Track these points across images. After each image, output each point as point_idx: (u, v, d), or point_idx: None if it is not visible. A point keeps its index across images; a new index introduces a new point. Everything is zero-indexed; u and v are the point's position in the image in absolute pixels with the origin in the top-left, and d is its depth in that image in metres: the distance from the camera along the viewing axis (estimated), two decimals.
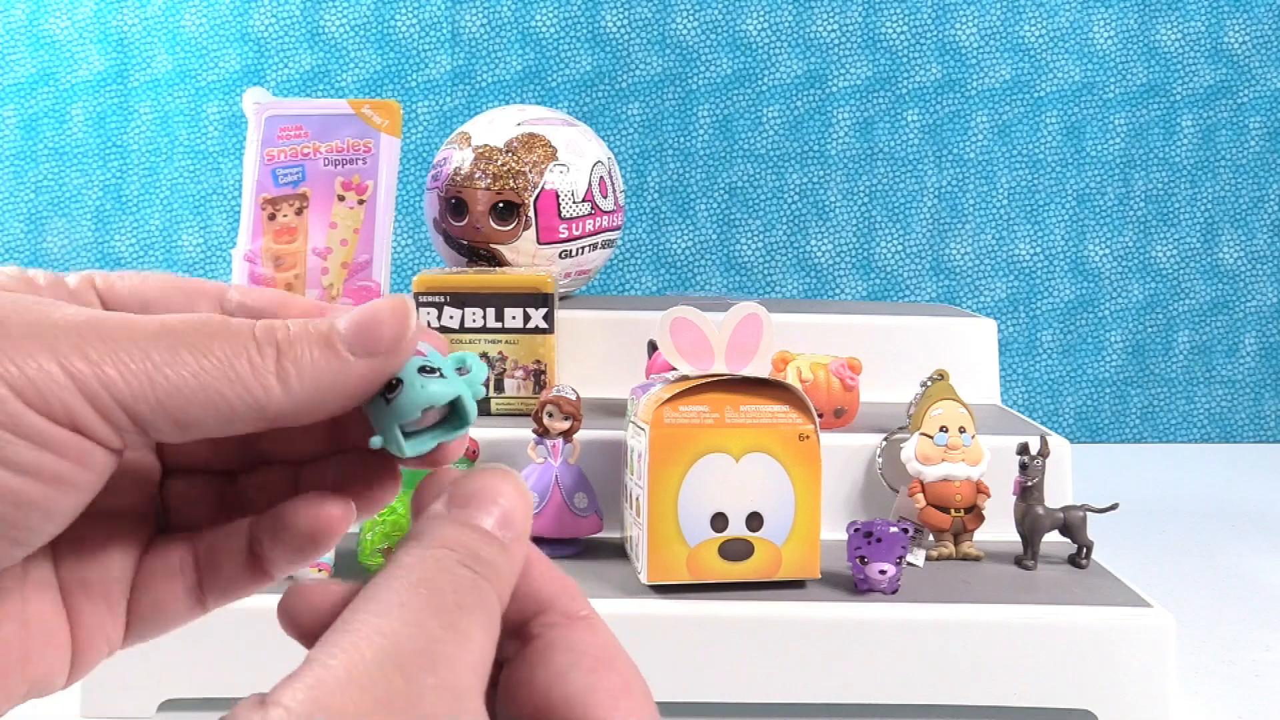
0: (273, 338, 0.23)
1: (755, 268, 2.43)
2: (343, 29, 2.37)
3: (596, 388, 1.35)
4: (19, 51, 2.35)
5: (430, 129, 2.38)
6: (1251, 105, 2.42)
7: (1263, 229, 2.45)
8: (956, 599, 1.05)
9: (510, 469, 0.25)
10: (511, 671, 0.24)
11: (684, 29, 2.39)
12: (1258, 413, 2.47)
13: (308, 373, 0.23)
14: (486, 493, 0.24)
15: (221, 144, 2.39)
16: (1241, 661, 1.20)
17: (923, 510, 1.15)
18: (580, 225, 1.41)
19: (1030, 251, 2.44)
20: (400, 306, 0.24)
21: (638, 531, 1.04)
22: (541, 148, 1.39)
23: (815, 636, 1.02)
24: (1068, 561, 1.14)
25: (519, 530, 0.24)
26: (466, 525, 0.23)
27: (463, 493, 0.24)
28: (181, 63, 2.36)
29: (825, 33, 2.40)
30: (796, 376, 1.22)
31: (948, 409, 1.16)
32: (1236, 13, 2.40)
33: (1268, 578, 1.48)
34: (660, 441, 1.01)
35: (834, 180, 2.42)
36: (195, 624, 0.84)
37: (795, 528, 1.03)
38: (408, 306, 0.25)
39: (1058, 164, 2.43)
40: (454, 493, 0.24)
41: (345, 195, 1.31)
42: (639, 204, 2.40)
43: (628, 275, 2.43)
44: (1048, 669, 1.02)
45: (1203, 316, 2.46)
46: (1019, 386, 2.46)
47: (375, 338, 0.24)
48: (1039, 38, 2.41)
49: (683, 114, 2.40)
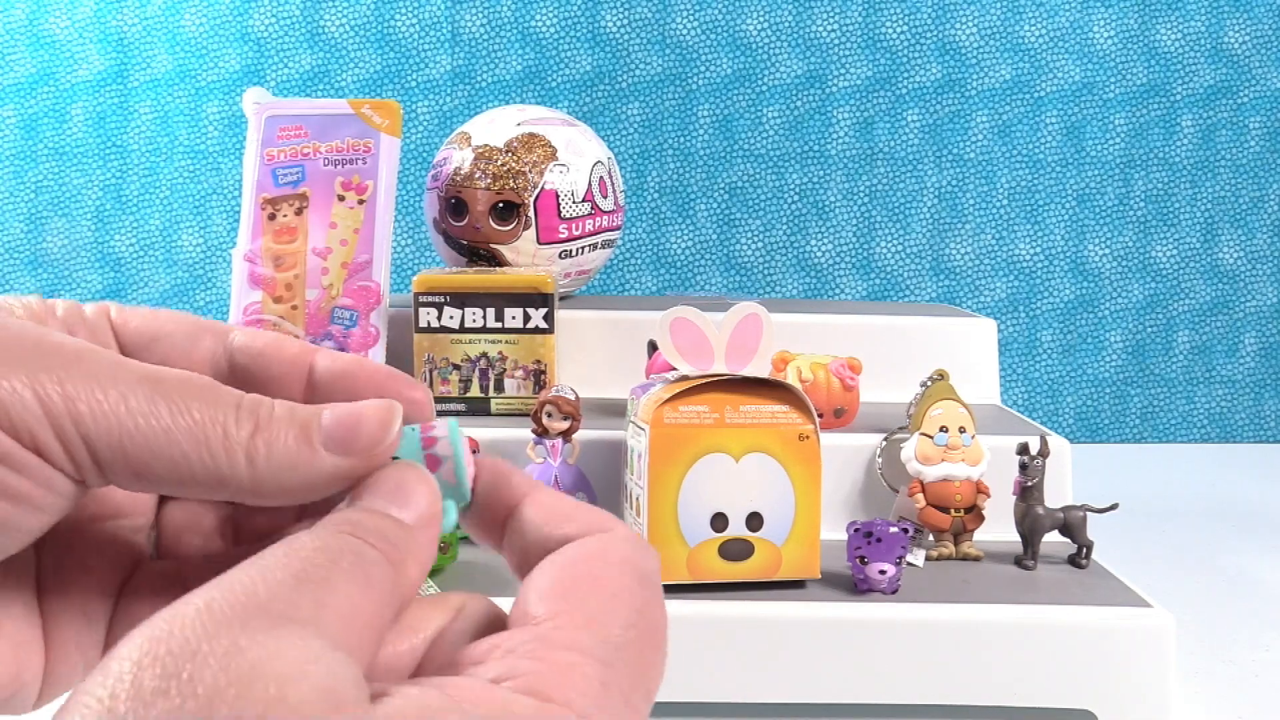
0: (254, 413, 0.23)
1: (755, 268, 2.43)
2: (343, 29, 2.37)
3: (596, 388, 1.35)
4: (19, 51, 2.35)
5: (430, 129, 2.38)
6: (1251, 105, 2.42)
7: (1263, 229, 2.45)
8: (956, 599, 1.05)
9: (414, 463, 0.24)
10: None
11: (684, 29, 2.39)
12: (1258, 413, 2.47)
13: (277, 457, 0.23)
14: (379, 478, 0.23)
15: (221, 144, 2.39)
16: (1241, 661, 1.20)
17: (923, 510, 1.15)
18: (580, 225, 1.41)
19: (1030, 251, 2.44)
20: (386, 415, 0.24)
21: (637, 531, 1.04)
22: (541, 148, 1.39)
23: (815, 636, 1.02)
24: (1068, 561, 1.14)
25: (418, 509, 0.23)
26: (358, 507, 0.23)
27: (364, 485, 0.24)
28: (181, 63, 2.36)
29: (825, 33, 2.40)
30: (796, 376, 1.22)
31: (948, 409, 1.16)
32: (1236, 13, 2.40)
33: (1268, 578, 1.48)
34: (660, 441, 1.01)
35: (834, 180, 2.42)
36: None
37: (795, 528, 1.03)
38: (393, 415, 0.24)
39: (1058, 164, 2.43)
40: (357, 487, 0.24)
41: (345, 195, 1.31)
42: (639, 204, 2.40)
43: (628, 275, 2.43)
44: (1048, 669, 1.02)
45: (1203, 316, 2.46)
46: (1019, 386, 2.46)
47: (353, 439, 0.23)
48: (1039, 38, 2.41)
49: (683, 114, 2.40)
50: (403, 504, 0.23)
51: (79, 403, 0.21)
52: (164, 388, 0.22)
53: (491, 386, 1.26)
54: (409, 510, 0.23)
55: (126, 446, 0.22)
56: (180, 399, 0.22)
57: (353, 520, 0.22)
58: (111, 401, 0.22)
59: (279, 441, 0.23)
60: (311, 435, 0.23)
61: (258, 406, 0.23)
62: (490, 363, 1.25)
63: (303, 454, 0.23)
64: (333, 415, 0.24)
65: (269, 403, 0.23)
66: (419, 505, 0.23)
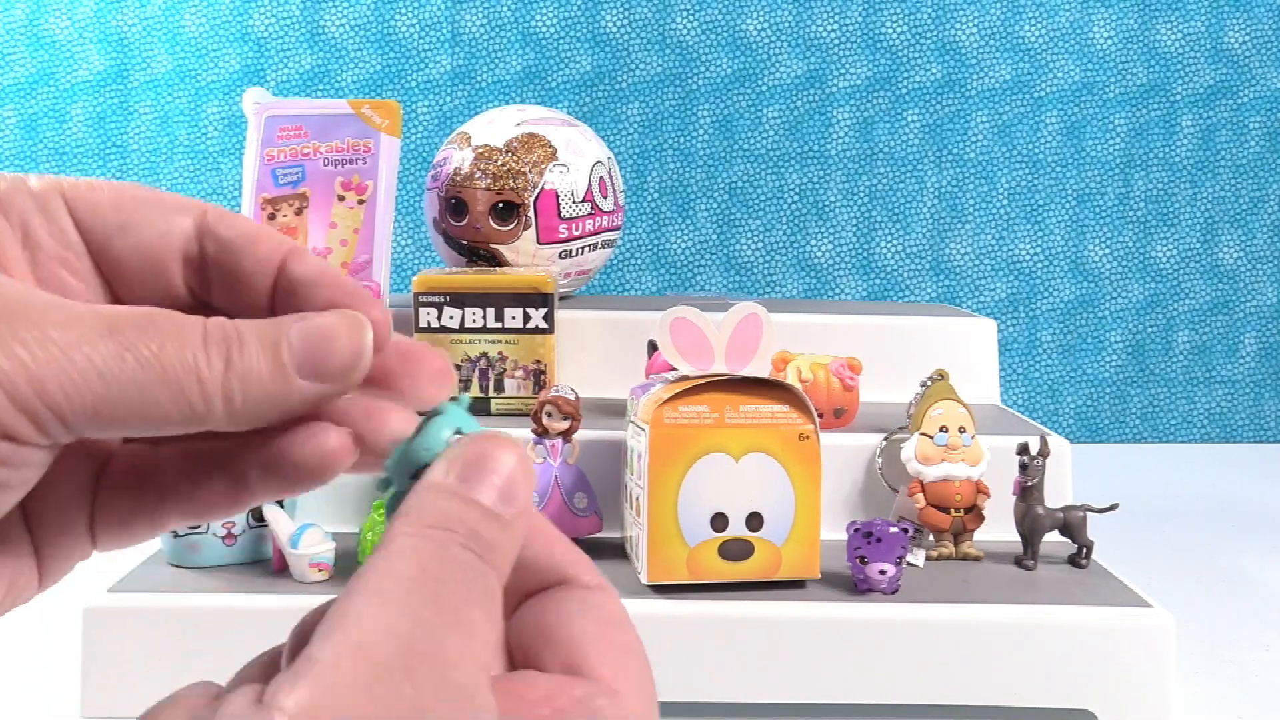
0: (224, 346, 0.22)
1: (755, 268, 2.43)
2: (343, 29, 2.37)
3: (596, 388, 1.34)
4: (19, 51, 2.35)
5: (430, 129, 2.38)
6: (1251, 105, 2.42)
7: (1263, 229, 2.45)
8: (956, 599, 1.05)
9: (510, 436, 0.24)
10: (521, 616, 0.24)
11: (684, 29, 2.39)
12: (1258, 413, 2.47)
13: (253, 392, 0.22)
14: (487, 463, 0.23)
15: (221, 144, 2.39)
16: (1241, 661, 1.20)
17: (923, 510, 1.15)
18: (580, 225, 1.41)
19: (1030, 251, 2.44)
20: (357, 335, 0.23)
21: (638, 531, 1.04)
22: (541, 148, 1.39)
23: (815, 636, 1.02)
24: (1068, 561, 1.14)
25: (521, 503, 0.23)
26: (466, 501, 0.22)
27: (462, 460, 0.23)
28: (181, 63, 2.37)
29: (825, 33, 2.40)
30: (796, 376, 1.22)
31: (948, 409, 1.16)
32: (1236, 13, 2.40)
33: (1268, 578, 1.48)
34: (660, 441, 1.01)
35: (834, 180, 2.42)
36: (195, 624, 0.84)
37: (795, 528, 1.03)
38: (363, 334, 0.23)
39: (1058, 164, 2.43)
40: (453, 459, 0.23)
41: (345, 195, 1.31)
42: (639, 204, 2.40)
43: (628, 275, 2.43)
44: (1048, 669, 1.02)
45: (1203, 316, 2.46)
46: (1019, 386, 2.46)
47: (325, 363, 0.23)
48: (1039, 38, 2.41)
49: (683, 114, 2.40)
50: (509, 499, 0.23)
51: (47, 382, 0.21)
52: (127, 335, 0.21)
53: (491, 386, 1.26)
54: (513, 505, 0.23)
55: (100, 409, 0.21)
56: (145, 343, 0.21)
57: (471, 528, 0.22)
58: (80, 368, 0.21)
59: (253, 375, 0.22)
60: (284, 362, 0.23)
61: (226, 338, 0.22)
62: (490, 363, 1.25)
63: (278, 385, 0.23)
64: (301, 338, 0.23)
65: (235, 330, 0.22)
66: (519, 499, 0.23)
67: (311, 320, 0.23)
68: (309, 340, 0.23)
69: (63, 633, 1.13)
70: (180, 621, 1.01)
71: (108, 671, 1.00)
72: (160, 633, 1.01)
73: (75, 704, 1.01)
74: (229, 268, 0.25)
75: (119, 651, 1.00)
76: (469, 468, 0.23)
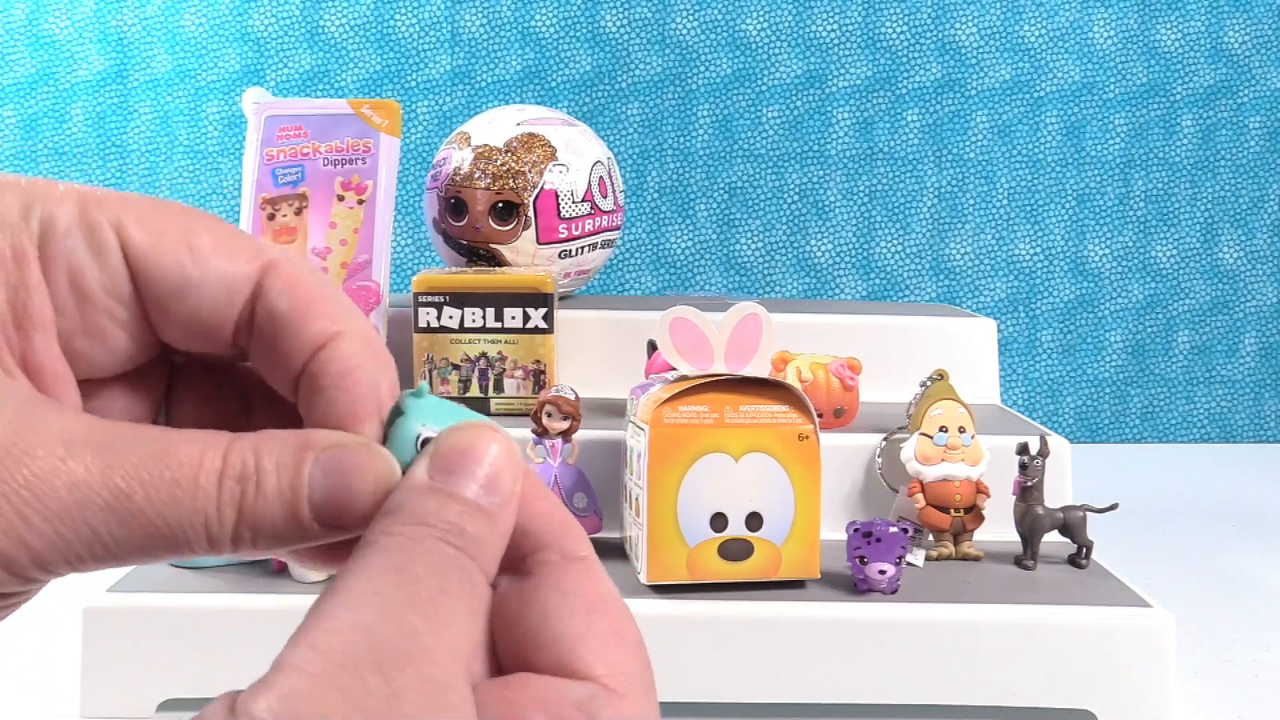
0: (239, 489, 0.21)
1: (755, 268, 2.43)
2: (342, 29, 2.37)
3: (596, 388, 1.34)
4: (19, 51, 2.35)
5: (430, 129, 2.38)
6: (1251, 105, 2.42)
7: (1263, 229, 2.45)
8: (956, 599, 1.05)
9: (490, 423, 0.23)
10: (503, 606, 0.23)
11: (684, 29, 2.39)
12: (1258, 413, 2.47)
13: (264, 537, 0.22)
14: (468, 454, 0.22)
15: (221, 144, 2.39)
16: (1241, 661, 1.20)
17: (922, 510, 1.15)
18: (580, 225, 1.41)
19: (1030, 251, 2.44)
20: (383, 483, 0.22)
21: (637, 531, 1.04)
22: (541, 148, 1.39)
23: (815, 636, 1.02)
24: (1068, 561, 1.14)
25: (507, 492, 0.22)
26: (446, 495, 0.22)
27: (441, 454, 0.22)
28: (181, 63, 2.36)
29: (825, 33, 2.40)
30: (796, 376, 1.22)
31: (947, 409, 1.16)
32: (1236, 13, 2.40)
33: (1268, 578, 1.48)
34: (660, 441, 1.01)
35: (834, 180, 2.42)
36: (195, 624, 0.85)
37: (795, 528, 1.03)
38: (391, 481, 0.22)
39: (1058, 164, 2.43)
40: (433, 455, 0.22)
41: (345, 195, 1.31)
42: (639, 204, 2.40)
43: (627, 275, 2.42)
44: (1048, 669, 1.02)
45: (1203, 316, 2.46)
46: (1019, 386, 2.46)
47: (343, 514, 0.22)
48: (1039, 38, 2.41)
49: (683, 114, 2.40)
50: (492, 489, 0.22)
51: (46, 552, 0.21)
52: (135, 499, 0.21)
53: (491, 386, 1.26)
54: (497, 494, 0.22)
55: (104, 564, 0.21)
56: (152, 502, 0.21)
57: (450, 521, 0.21)
58: (84, 539, 0.21)
59: (266, 523, 0.22)
60: (301, 512, 0.22)
61: (244, 477, 0.22)
62: (490, 363, 1.25)
63: (291, 531, 0.22)
64: (324, 479, 0.22)
65: (254, 464, 0.22)
66: (503, 488, 0.22)
67: (337, 457, 0.22)
68: (331, 481, 0.22)
69: (62, 633, 1.13)
70: (180, 621, 1.01)
71: (108, 671, 1.00)
72: (160, 633, 1.01)
73: (75, 704, 1.01)
74: (272, 339, 0.24)
75: (119, 651, 1.00)
76: (448, 461, 0.22)
